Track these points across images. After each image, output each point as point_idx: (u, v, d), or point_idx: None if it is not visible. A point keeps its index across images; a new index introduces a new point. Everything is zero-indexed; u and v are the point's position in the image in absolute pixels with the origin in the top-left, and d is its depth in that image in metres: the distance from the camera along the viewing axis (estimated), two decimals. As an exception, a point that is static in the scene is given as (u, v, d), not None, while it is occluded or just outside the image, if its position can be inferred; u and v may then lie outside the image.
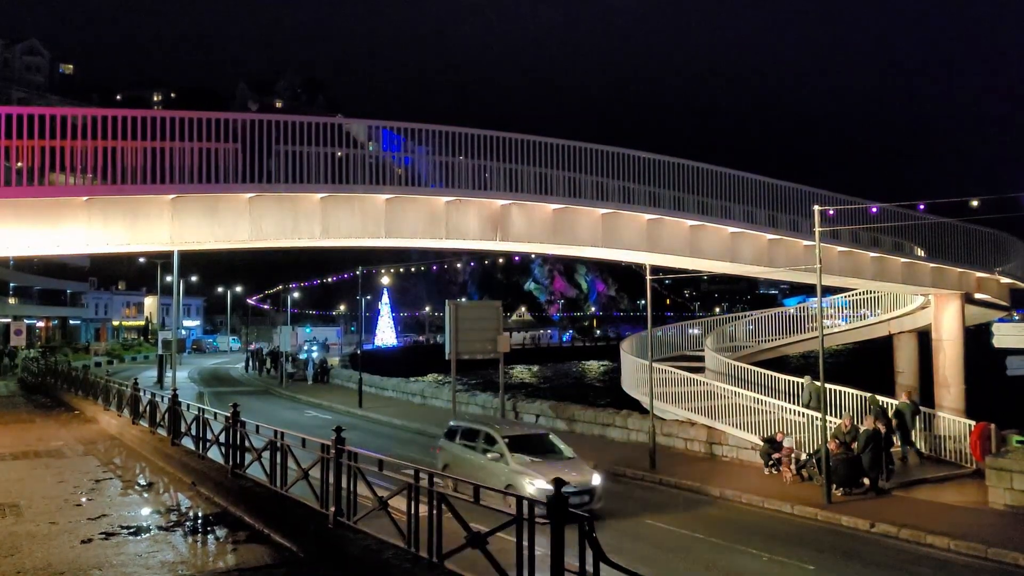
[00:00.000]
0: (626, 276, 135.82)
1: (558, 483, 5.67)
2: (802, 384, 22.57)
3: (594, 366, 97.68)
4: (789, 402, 21.21)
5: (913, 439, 20.41)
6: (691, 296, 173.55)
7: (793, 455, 18.81)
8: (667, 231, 23.82)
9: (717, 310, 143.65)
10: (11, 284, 73.40)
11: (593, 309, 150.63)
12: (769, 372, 23.37)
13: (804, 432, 19.57)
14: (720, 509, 16.74)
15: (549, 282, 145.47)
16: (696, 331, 34.14)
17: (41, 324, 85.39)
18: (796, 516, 16.02)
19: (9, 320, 66.77)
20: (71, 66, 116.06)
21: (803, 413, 20.07)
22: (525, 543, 5.97)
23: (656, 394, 21.97)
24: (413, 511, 7.21)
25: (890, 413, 20.42)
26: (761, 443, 19.80)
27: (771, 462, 19.16)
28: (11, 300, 73.45)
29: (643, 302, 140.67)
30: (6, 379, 47.22)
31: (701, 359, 28.26)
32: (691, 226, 23.83)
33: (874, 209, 25.08)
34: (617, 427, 24.77)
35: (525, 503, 6.01)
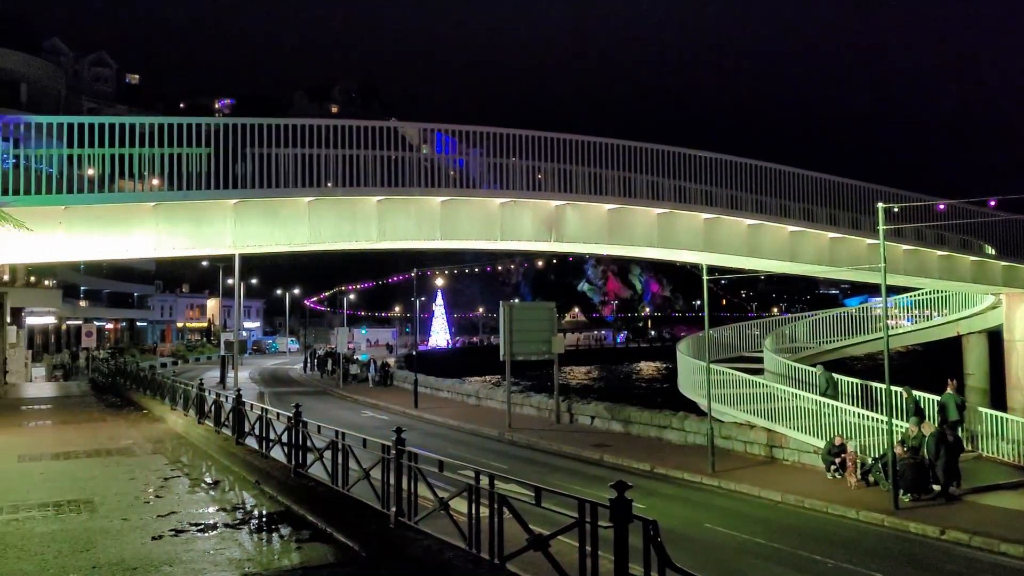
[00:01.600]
0: (681, 276, 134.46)
1: (621, 486, 5.64)
2: (815, 373, 22.68)
3: (649, 367, 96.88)
4: (853, 405, 20.77)
5: (960, 434, 19.70)
6: (748, 296, 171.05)
7: (858, 459, 18.38)
8: (724, 230, 23.53)
9: (775, 310, 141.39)
10: (82, 288, 75.89)
11: (647, 310, 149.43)
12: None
13: (869, 435, 19.13)
14: (781, 514, 16.46)
15: (603, 283, 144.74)
16: (754, 332, 33.64)
17: (110, 326, 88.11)
18: (861, 522, 15.66)
19: (80, 322, 69.10)
20: (137, 76, 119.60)
21: (867, 416, 19.62)
22: (588, 547, 5.95)
23: (714, 396, 21.71)
24: (474, 512, 7.26)
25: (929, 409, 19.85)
26: (823, 447, 19.41)
27: (834, 466, 18.76)
28: (82, 303, 75.98)
29: (699, 303, 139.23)
30: (78, 379, 48.85)
31: (759, 360, 27.86)
32: (749, 225, 23.51)
33: (941, 206, 24.39)
34: (674, 429, 24.54)
35: (587, 505, 5.99)
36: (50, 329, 68.41)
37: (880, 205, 18.30)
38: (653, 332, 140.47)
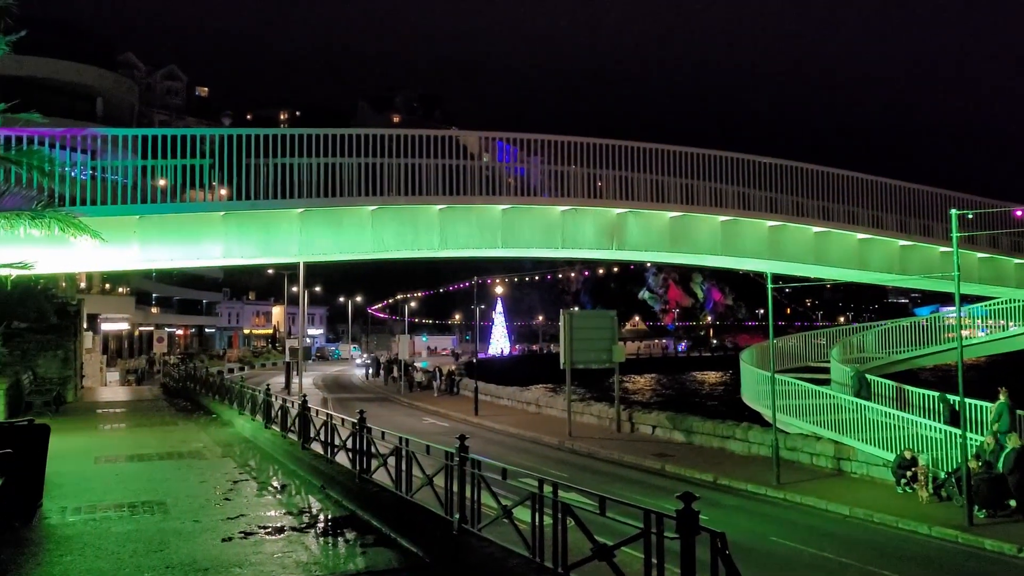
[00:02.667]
0: (744, 284, 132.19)
1: (688, 497, 5.59)
2: (848, 373, 22.43)
3: (711, 377, 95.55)
4: (926, 417, 20.16)
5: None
6: (813, 305, 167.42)
7: (929, 473, 17.82)
8: (790, 238, 23.13)
9: (841, 319, 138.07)
10: (154, 295, 78.33)
11: (709, 318, 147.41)
12: (901, 385, 22.30)
13: (942, 449, 18.54)
14: (850, 528, 16.05)
15: (664, 291, 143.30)
16: (820, 341, 32.95)
17: (180, 332, 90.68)
18: (934, 538, 15.17)
19: (152, 328, 71.30)
20: (206, 89, 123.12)
21: (940, 429, 19.02)
22: (654, 559, 5.90)
23: (779, 406, 21.30)
24: (537, 521, 7.26)
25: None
26: (893, 460, 18.87)
27: (905, 480, 18.22)
28: (153, 309, 78.40)
29: (762, 311, 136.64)
30: (150, 384, 50.40)
31: (826, 371, 27.26)
32: (816, 232, 23.07)
33: (1019, 212, 23.56)
34: (737, 440, 24.13)
35: (653, 516, 5.95)
36: (123, 335, 70.71)
37: (953, 211, 17.76)
38: (715, 341, 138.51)
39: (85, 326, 40.75)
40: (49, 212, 14.60)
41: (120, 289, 61.58)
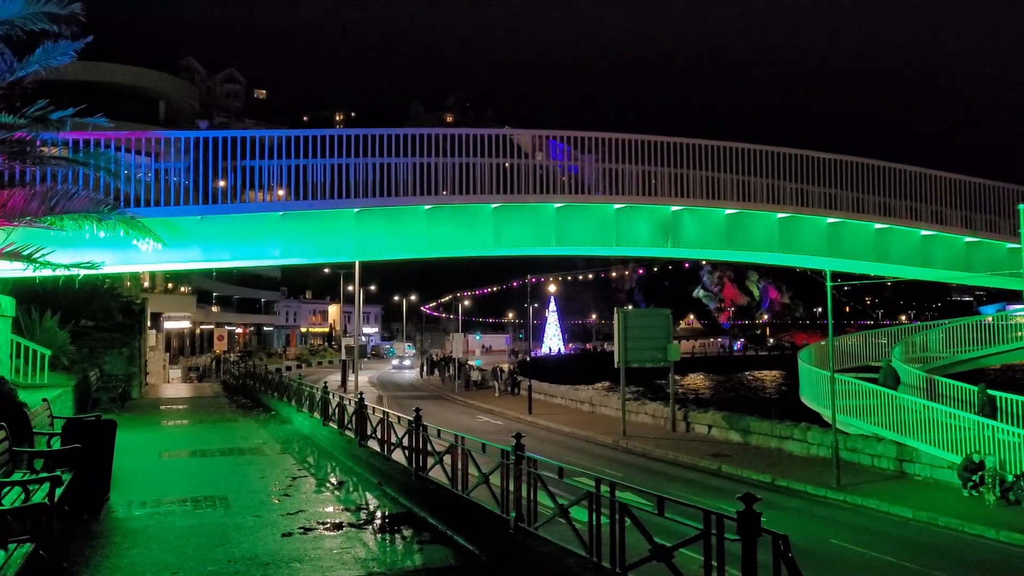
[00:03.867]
0: (801, 282, 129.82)
1: (749, 498, 5.51)
2: (880, 366, 22.04)
3: (767, 376, 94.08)
4: (997, 419, 19.55)
5: None
6: (873, 303, 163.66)
7: (997, 476, 17.27)
8: (850, 235, 22.64)
9: (903, 318, 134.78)
10: (214, 294, 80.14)
11: (765, 317, 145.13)
12: (967, 385, 21.65)
13: (1012, 452, 17.94)
14: (913, 532, 15.65)
15: (719, 289, 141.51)
16: (881, 340, 32.20)
17: (239, 330, 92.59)
18: (1001, 543, 14.70)
19: (213, 326, 72.96)
20: (263, 91, 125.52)
21: (1010, 431, 18.41)
22: (714, 561, 5.83)
23: (838, 406, 20.86)
24: (595, 521, 7.23)
25: None
26: (959, 462, 18.33)
27: (971, 483, 17.68)
28: (214, 308, 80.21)
29: (820, 310, 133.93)
30: (211, 381, 51.60)
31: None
32: (877, 229, 22.53)
33: (1092, 207, 22.67)
34: (795, 440, 23.71)
35: (713, 517, 5.88)
36: (185, 333, 72.47)
37: (1021, 206, 17.18)
38: (771, 340, 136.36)
39: (149, 324, 41.87)
40: (115, 214, 15.05)
41: (182, 288, 63.15)
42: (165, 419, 24.67)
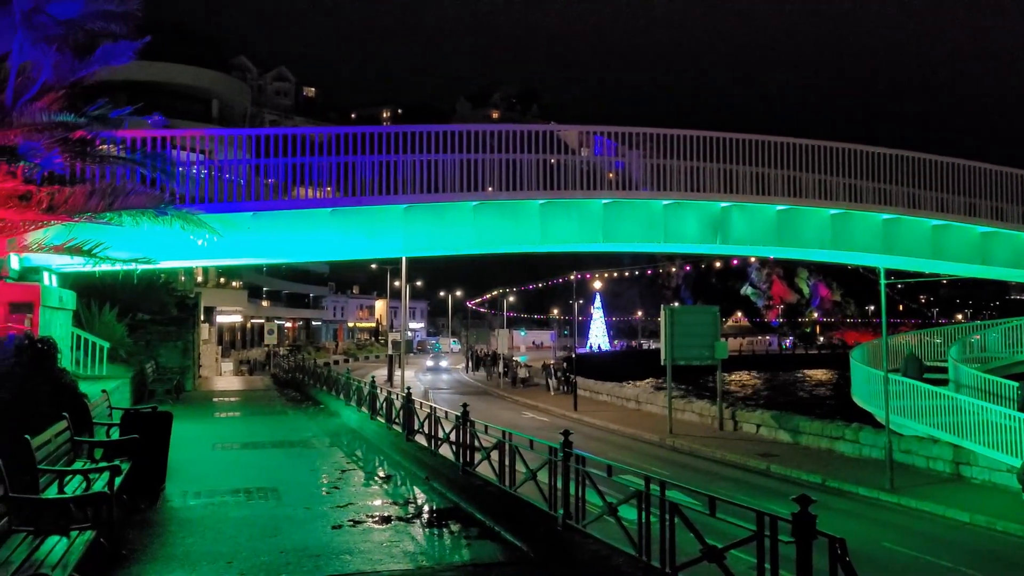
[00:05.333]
0: (853, 280, 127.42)
1: (804, 500, 5.42)
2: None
3: (817, 375, 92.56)
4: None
5: None
6: (928, 302, 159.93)
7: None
8: (905, 231, 22.16)
9: (959, 317, 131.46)
10: (264, 289, 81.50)
11: (816, 315, 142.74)
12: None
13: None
14: (969, 536, 15.28)
15: (767, 287, 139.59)
16: (936, 340, 31.48)
17: (288, 325, 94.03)
18: (1064, 550, 14.27)
19: (263, 320, 74.20)
20: (313, 90, 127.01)
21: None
22: (767, 563, 5.75)
23: (892, 407, 20.44)
24: (644, 519, 7.18)
25: None
26: (1019, 465, 17.82)
27: (1032, 487, 17.17)
28: (264, 303, 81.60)
29: (872, 308, 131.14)
30: (261, 374, 52.49)
31: (942, 370, 26.00)
32: (934, 226, 22.00)
33: None
34: (847, 441, 23.29)
35: (767, 519, 5.80)
36: (236, 327, 73.83)
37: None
38: (821, 338, 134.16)
39: (202, 318, 42.72)
40: (171, 210, 15.38)
41: (234, 283, 64.37)
42: (218, 411, 25.13)
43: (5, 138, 11.45)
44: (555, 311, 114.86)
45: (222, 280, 61.92)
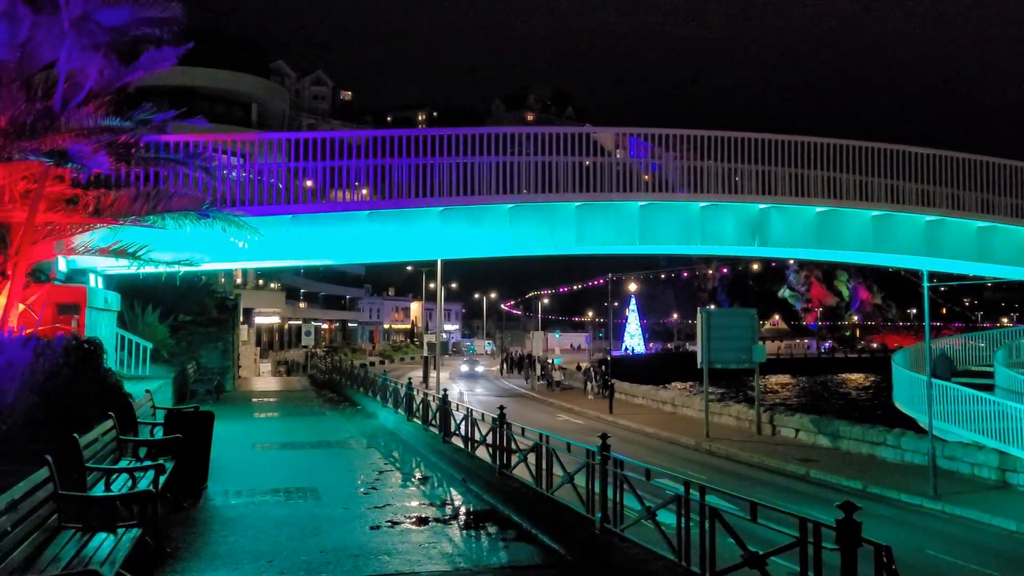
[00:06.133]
0: (894, 283, 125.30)
1: (849, 507, 5.35)
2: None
3: (857, 379, 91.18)
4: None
5: None
6: (972, 305, 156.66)
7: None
8: (949, 233, 21.76)
9: (1004, 320, 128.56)
10: (301, 290, 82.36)
11: (855, 318, 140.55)
12: None
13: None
14: (1017, 545, 14.97)
15: (806, 289, 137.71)
16: (980, 344, 30.87)
17: (325, 326, 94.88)
18: (1116, 560, 13.89)
19: (300, 322, 75.00)
20: (349, 93, 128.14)
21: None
22: (810, 571, 5.68)
23: (935, 412, 20.07)
24: (684, 524, 7.14)
25: None
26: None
27: (1082, 496, 16.77)
28: (301, 304, 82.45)
29: (914, 311, 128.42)
30: (299, 375, 53.05)
31: (987, 375, 25.50)
32: (979, 228, 21.59)
33: None
34: (888, 446, 22.91)
35: (810, 525, 5.73)
36: (274, 328, 74.69)
37: None
38: (861, 342, 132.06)
39: (241, 319, 43.29)
40: (213, 212, 15.61)
41: (272, 285, 65.15)
42: (257, 411, 25.46)
43: (54, 142, 11.70)
44: (590, 313, 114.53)
45: (260, 282, 62.70)
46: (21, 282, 12.18)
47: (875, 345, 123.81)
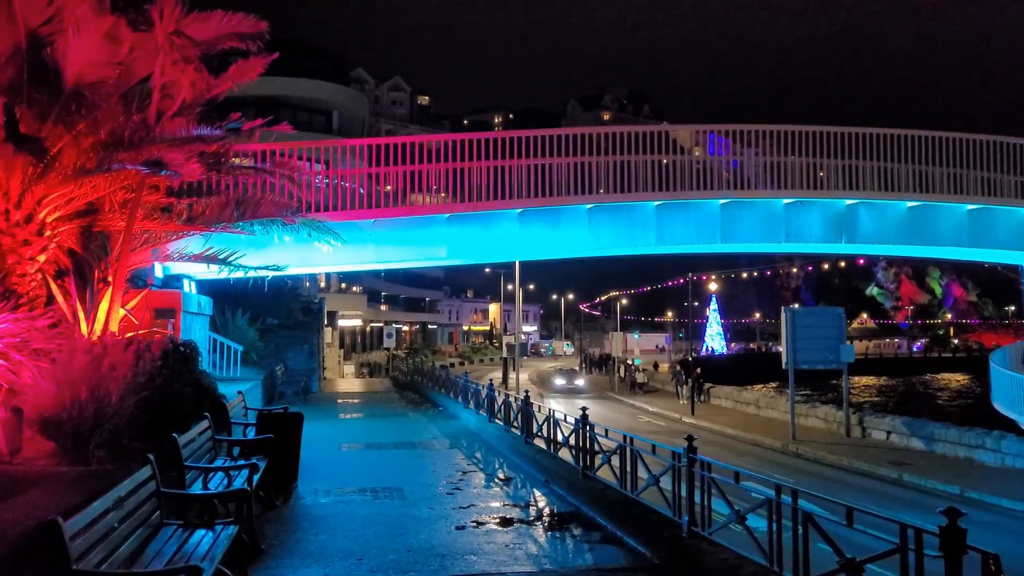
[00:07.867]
0: (990, 279, 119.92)
1: (953, 513, 5.13)
2: None
3: (952, 379, 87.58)
4: None
5: None
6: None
7: None
8: (1052, 227, 20.72)
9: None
10: (382, 293, 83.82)
11: (949, 316, 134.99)
12: None
13: None
14: None
15: (895, 287, 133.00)
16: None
17: (406, 328, 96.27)
18: None
19: (381, 324, 76.32)
20: (427, 98, 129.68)
21: None
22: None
23: (1040, 415, 19.11)
24: (776, 529, 6.97)
25: None
26: None
27: None
28: (382, 307, 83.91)
29: (1012, 308, 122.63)
30: (381, 377, 54.00)
31: (1097, 375, 24.16)
32: (1086, 220, 20.48)
33: None
34: (988, 450, 21.90)
35: (911, 531, 5.52)
36: (356, 330, 76.18)
37: None
38: (955, 341, 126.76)
39: (325, 322, 44.31)
40: (299, 217, 16.03)
41: (354, 288, 66.45)
42: (342, 412, 26.01)
43: (149, 153, 12.17)
44: (669, 313, 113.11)
45: (343, 286, 64.04)
46: (121, 288, 12.71)
47: (971, 344, 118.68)
